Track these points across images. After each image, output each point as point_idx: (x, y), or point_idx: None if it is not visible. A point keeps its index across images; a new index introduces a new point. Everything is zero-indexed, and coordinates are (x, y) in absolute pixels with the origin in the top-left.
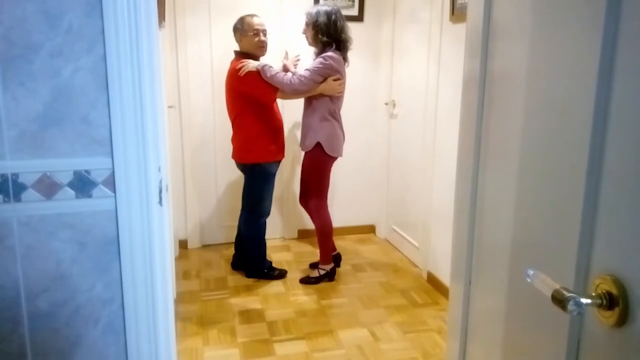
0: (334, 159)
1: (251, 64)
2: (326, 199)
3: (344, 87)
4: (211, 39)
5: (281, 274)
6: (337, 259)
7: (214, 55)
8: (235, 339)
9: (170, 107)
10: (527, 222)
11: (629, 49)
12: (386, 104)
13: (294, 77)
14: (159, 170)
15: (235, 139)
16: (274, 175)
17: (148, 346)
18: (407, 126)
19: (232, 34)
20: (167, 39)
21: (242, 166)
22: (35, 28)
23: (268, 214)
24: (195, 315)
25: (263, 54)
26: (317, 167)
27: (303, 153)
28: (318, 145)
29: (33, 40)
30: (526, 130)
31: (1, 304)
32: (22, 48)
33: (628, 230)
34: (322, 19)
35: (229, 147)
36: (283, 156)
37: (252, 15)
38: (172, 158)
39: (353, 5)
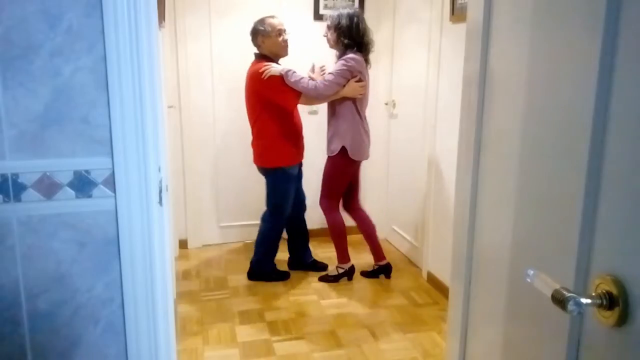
0: (358, 162)
1: (274, 69)
2: (338, 200)
3: (367, 89)
4: (211, 39)
5: (283, 276)
6: (387, 269)
7: (214, 55)
8: (235, 339)
9: (170, 107)
10: (527, 222)
11: (629, 49)
12: (386, 104)
13: (318, 81)
14: (159, 170)
15: (255, 144)
16: (295, 176)
17: (148, 346)
18: (407, 126)
19: (232, 34)
20: (167, 39)
21: (264, 170)
22: (35, 28)
23: (288, 216)
24: (195, 315)
25: (287, 54)
26: (337, 169)
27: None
28: (343, 148)
29: (33, 40)
30: (526, 130)
31: (1, 304)
32: (22, 48)
33: (628, 230)
34: (344, 21)
35: (229, 147)
36: (302, 158)
37: (271, 16)
38: (172, 158)
39: (353, 5)
